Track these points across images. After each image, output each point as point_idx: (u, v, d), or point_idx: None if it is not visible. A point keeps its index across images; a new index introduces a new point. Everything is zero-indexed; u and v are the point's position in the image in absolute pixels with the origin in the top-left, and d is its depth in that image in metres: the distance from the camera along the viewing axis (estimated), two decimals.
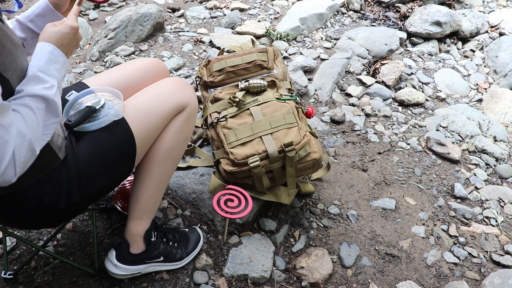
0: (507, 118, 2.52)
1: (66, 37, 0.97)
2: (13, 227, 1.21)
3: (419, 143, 2.22)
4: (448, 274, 1.56)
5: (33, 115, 0.86)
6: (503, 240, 1.73)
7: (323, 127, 2.23)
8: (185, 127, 1.22)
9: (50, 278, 1.34)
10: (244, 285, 1.39)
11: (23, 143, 0.83)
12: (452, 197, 1.92)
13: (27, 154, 0.84)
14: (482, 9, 3.62)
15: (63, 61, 0.96)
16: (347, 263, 1.53)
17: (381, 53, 2.88)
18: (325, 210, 1.73)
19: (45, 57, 0.93)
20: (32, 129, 0.85)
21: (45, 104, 0.89)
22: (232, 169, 1.44)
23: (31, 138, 0.84)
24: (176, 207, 1.60)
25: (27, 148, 0.84)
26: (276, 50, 1.68)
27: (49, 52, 0.94)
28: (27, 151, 0.84)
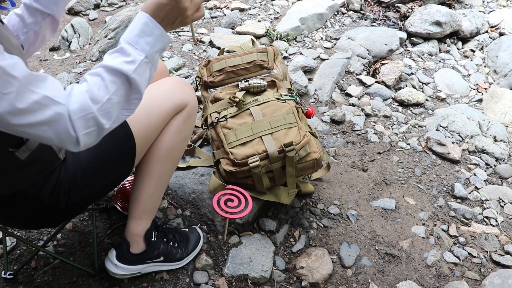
0: (507, 118, 2.52)
1: (164, 9, 0.84)
2: (13, 227, 1.21)
3: (419, 143, 2.22)
4: (448, 274, 1.56)
5: (103, 88, 0.78)
6: (503, 240, 1.73)
7: (323, 127, 2.23)
8: (184, 127, 1.22)
9: (50, 278, 1.34)
10: (244, 285, 1.39)
11: (85, 115, 0.76)
12: (452, 197, 1.92)
13: (90, 127, 0.77)
14: (482, 9, 3.62)
15: (159, 35, 0.84)
16: (347, 263, 1.53)
17: (381, 53, 2.88)
18: (325, 210, 1.73)
19: (137, 29, 0.83)
20: (99, 102, 0.77)
21: (122, 79, 0.80)
22: (232, 169, 1.44)
23: (96, 111, 0.77)
24: (176, 207, 1.60)
25: (89, 120, 0.77)
26: (276, 50, 1.68)
27: (143, 23, 0.83)
28: (90, 124, 0.77)
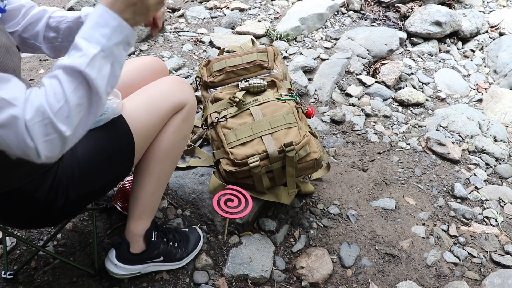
0: (507, 118, 2.52)
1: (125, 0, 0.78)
2: (12, 226, 1.21)
3: (419, 143, 2.22)
4: (448, 274, 1.56)
5: (60, 89, 0.73)
6: (503, 240, 1.73)
7: (323, 127, 2.23)
8: (183, 126, 1.22)
9: (50, 278, 1.34)
10: (244, 285, 1.39)
11: (42, 121, 0.70)
12: (452, 197, 1.92)
13: (49, 135, 0.72)
14: (482, 9, 3.62)
15: (117, 25, 0.77)
16: (347, 263, 1.53)
17: (381, 53, 2.88)
18: (325, 210, 1.73)
19: (92, 21, 0.77)
20: (56, 105, 0.72)
21: (80, 79, 0.74)
22: (232, 169, 1.44)
23: (53, 116, 0.71)
24: (176, 207, 1.60)
25: (47, 127, 0.71)
26: (276, 50, 1.68)
27: (98, 15, 0.77)
28: (49, 131, 0.72)
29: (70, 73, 0.74)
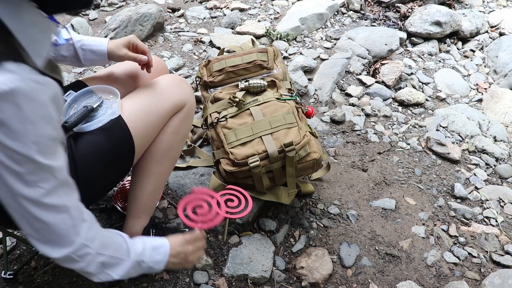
0: (507, 118, 2.52)
1: (179, 259, 1.01)
2: (14, 229, 1.21)
3: (419, 143, 2.22)
4: (448, 274, 1.56)
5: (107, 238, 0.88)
6: (503, 240, 1.73)
7: (323, 127, 2.23)
8: (183, 126, 1.22)
9: (50, 278, 1.34)
10: (244, 285, 1.39)
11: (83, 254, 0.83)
12: (452, 197, 1.92)
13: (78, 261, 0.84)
14: (482, 9, 3.62)
15: (159, 268, 0.98)
16: (347, 263, 1.53)
17: (381, 53, 2.88)
18: (325, 210, 1.73)
19: (156, 253, 0.96)
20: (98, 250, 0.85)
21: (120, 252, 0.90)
22: (232, 169, 1.44)
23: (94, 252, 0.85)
24: (176, 207, 1.60)
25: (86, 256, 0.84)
26: (276, 50, 1.68)
27: (159, 253, 0.96)
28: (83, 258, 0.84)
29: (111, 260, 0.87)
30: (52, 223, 0.75)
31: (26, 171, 0.68)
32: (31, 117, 0.65)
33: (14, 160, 0.67)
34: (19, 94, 0.63)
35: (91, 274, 0.86)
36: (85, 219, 0.82)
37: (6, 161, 0.67)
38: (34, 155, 0.68)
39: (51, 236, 0.76)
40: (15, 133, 0.65)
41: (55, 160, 0.72)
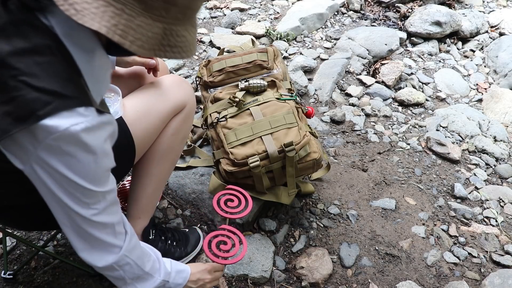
0: (507, 118, 2.52)
1: (197, 285, 1.08)
2: (18, 229, 1.22)
3: (419, 143, 2.22)
4: (448, 274, 1.56)
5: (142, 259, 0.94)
6: (503, 240, 1.73)
7: (323, 127, 2.23)
8: (183, 127, 1.22)
9: (50, 278, 1.34)
10: (244, 285, 1.39)
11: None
12: (452, 197, 1.92)
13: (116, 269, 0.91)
14: (482, 9, 3.62)
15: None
16: (347, 263, 1.53)
17: (381, 53, 2.88)
18: (325, 210, 1.73)
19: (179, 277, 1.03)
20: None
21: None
22: (232, 169, 1.44)
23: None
24: (176, 207, 1.60)
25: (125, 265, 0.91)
26: (276, 50, 1.68)
27: (179, 279, 1.03)
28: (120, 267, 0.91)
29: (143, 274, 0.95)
30: (98, 236, 0.82)
31: (82, 196, 0.76)
32: (94, 154, 0.72)
33: (73, 187, 0.74)
34: (87, 134, 0.69)
35: (123, 282, 0.92)
36: (127, 232, 0.89)
37: (66, 187, 0.74)
38: (91, 185, 0.75)
39: (97, 247, 0.84)
40: (78, 168, 0.72)
41: (108, 186, 0.80)
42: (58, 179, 0.73)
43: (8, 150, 0.72)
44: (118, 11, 0.64)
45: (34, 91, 0.65)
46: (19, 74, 0.64)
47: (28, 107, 0.65)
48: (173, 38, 0.72)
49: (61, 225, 0.81)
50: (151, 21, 0.67)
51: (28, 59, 0.65)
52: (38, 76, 0.65)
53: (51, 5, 0.67)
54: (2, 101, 0.65)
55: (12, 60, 0.64)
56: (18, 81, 0.64)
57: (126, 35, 0.65)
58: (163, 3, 0.67)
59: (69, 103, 0.67)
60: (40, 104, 0.65)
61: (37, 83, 0.65)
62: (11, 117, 0.65)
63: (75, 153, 0.70)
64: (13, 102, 0.65)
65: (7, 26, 0.66)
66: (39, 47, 0.66)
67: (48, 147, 0.68)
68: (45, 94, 0.65)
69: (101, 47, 0.77)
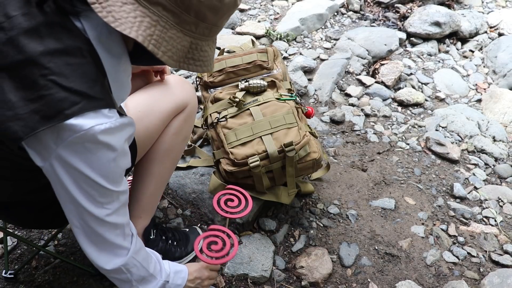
0: (506, 118, 2.53)
1: (195, 284, 1.10)
2: (23, 227, 1.22)
3: (418, 143, 2.22)
4: (448, 273, 1.57)
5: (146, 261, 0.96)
6: (502, 239, 1.74)
7: (323, 127, 2.23)
8: (184, 127, 1.22)
9: (51, 278, 1.34)
10: (244, 284, 1.40)
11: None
12: (452, 197, 1.92)
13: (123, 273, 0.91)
14: (481, 10, 3.63)
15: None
16: (347, 263, 1.54)
17: (380, 54, 2.89)
18: (325, 210, 1.73)
19: (178, 277, 1.04)
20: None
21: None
22: (232, 169, 1.44)
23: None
24: (176, 206, 1.60)
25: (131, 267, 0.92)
26: (276, 51, 1.69)
27: (178, 279, 1.04)
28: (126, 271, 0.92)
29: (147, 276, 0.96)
30: (108, 238, 0.83)
31: (97, 194, 0.77)
32: (115, 152, 0.74)
33: (90, 185, 0.76)
34: (109, 134, 0.72)
35: (129, 285, 0.93)
36: (133, 234, 0.91)
37: (83, 185, 0.75)
38: (108, 184, 0.77)
39: (106, 250, 0.85)
40: (98, 166, 0.74)
41: (122, 186, 0.82)
42: (76, 177, 0.74)
43: (30, 146, 0.73)
44: (154, 22, 0.68)
45: (63, 91, 0.67)
46: (49, 74, 0.66)
47: (56, 106, 0.67)
48: (197, 52, 0.76)
49: (72, 227, 0.82)
50: (181, 34, 0.72)
51: (59, 60, 0.67)
52: (67, 76, 0.67)
53: (86, 11, 0.70)
54: (31, 98, 0.67)
55: (44, 59, 0.66)
56: (48, 80, 0.66)
57: (160, 45, 0.69)
58: (195, 18, 0.72)
59: (95, 104, 0.69)
60: (68, 104, 0.67)
61: (66, 83, 0.67)
62: (39, 115, 0.66)
63: (97, 151, 0.72)
64: (42, 100, 0.66)
65: (41, 27, 0.68)
66: (70, 49, 0.69)
67: (70, 144, 0.70)
68: (73, 94, 0.67)
69: (127, 54, 0.80)
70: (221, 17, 0.76)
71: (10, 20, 0.68)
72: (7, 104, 0.67)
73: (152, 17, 0.68)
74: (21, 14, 0.68)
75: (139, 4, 0.68)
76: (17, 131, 0.67)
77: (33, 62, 0.66)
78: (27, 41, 0.67)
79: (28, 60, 0.66)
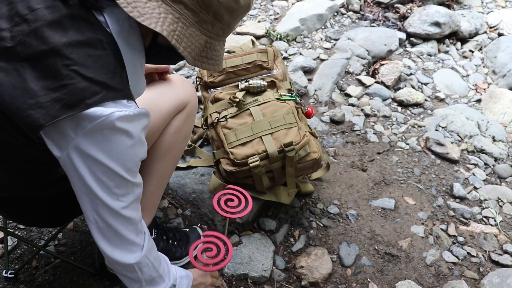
0: (506, 118, 2.53)
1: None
2: (26, 225, 1.23)
3: (418, 143, 2.23)
4: (447, 273, 1.57)
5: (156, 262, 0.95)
6: (501, 239, 1.74)
7: (323, 127, 2.24)
8: (185, 126, 1.22)
9: (51, 278, 1.35)
10: (244, 284, 1.40)
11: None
12: (451, 197, 1.92)
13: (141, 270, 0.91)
14: (481, 10, 3.63)
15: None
16: (347, 263, 1.54)
17: (380, 54, 2.89)
18: (325, 210, 1.73)
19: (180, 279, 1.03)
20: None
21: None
22: (232, 169, 1.45)
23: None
24: (176, 206, 1.60)
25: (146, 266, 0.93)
26: (276, 51, 1.69)
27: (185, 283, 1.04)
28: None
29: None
30: (122, 233, 0.83)
31: (114, 185, 0.78)
32: (132, 139, 0.76)
33: (107, 175, 0.76)
34: (127, 122, 0.73)
35: (138, 285, 0.92)
36: (145, 232, 0.91)
37: (100, 175, 0.76)
38: (125, 173, 0.78)
39: (119, 246, 0.85)
40: (115, 153, 0.75)
41: (137, 178, 0.83)
42: (93, 167, 0.75)
43: (48, 136, 0.74)
44: (176, 19, 0.73)
45: (85, 81, 0.69)
46: (72, 64, 0.68)
47: (78, 95, 0.68)
48: (211, 51, 0.81)
49: (87, 221, 0.83)
50: (199, 32, 0.76)
51: (81, 51, 0.69)
52: (89, 67, 0.69)
53: (109, 6, 0.74)
54: (52, 87, 0.68)
55: (67, 50, 0.69)
56: (70, 70, 0.68)
57: (181, 41, 0.74)
58: (213, 18, 0.76)
59: (115, 94, 0.72)
60: (89, 93, 0.69)
61: (87, 73, 0.69)
62: (60, 104, 0.68)
63: (115, 138, 0.73)
64: (64, 89, 0.68)
65: (65, 19, 0.70)
66: (92, 41, 0.71)
67: (89, 132, 0.71)
68: (94, 84, 0.69)
69: (144, 50, 0.83)
70: (235, 18, 0.80)
71: (34, 13, 0.70)
72: (29, 93, 0.68)
73: (175, 14, 0.72)
74: (45, 7, 0.71)
75: (163, 1, 0.72)
76: (38, 118, 0.68)
77: (56, 52, 0.68)
78: (51, 33, 0.69)
79: (52, 50, 0.68)
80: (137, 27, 0.78)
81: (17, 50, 0.69)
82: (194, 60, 0.78)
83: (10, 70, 0.69)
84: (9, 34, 0.69)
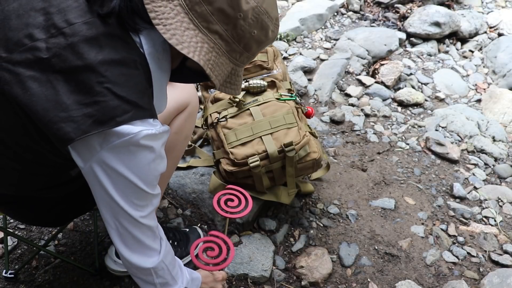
0: (506, 118, 2.53)
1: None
2: (29, 223, 1.23)
3: (418, 143, 2.23)
4: (447, 273, 1.57)
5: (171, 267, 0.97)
6: (501, 239, 1.74)
7: (323, 127, 2.24)
8: (186, 126, 1.22)
9: (51, 278, 1.35)
10: (244, 284, 1.40)
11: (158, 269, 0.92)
12: (451, 197, 1.92)
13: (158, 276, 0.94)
14: (481, 10, 3.63)
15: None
16: (347, 263, 1.54)
17: (380, 54, 2.89)
18: (325, 210, 1.73)
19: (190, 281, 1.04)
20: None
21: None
22: (232, 169, 1.45)
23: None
24: (176, 206, 1.60)
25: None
26: (276, 51, 1.69)
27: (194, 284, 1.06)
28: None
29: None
30: (141, 239, 0.86)
31: (135, 197, 0.81)
32: (154, 154, 0.78)
33: (129, 187, 0.79)
34: (152, 140, 0.76)
35: (152, 287, 0.94)
36: (162, 237, 0.93)
37: (122, 187, 0.78)
38: (145, 187, 0.80)
39: (137, 251, 0.87)
40: (139, 169, 0.78)
41: (156, 190, 0.86)
42: (116, 180, 0.77)
43: (75, 148, 0.75)
44: (211, 49, 0.76)
45: (116, 99, 0.70)
46: (106, 82, 0.70)
47: (110, 113, 0.71)
48: (235, 77, 0.85)
49: (107, 226, 0.86)
50: (228, 61, 0.80)
51: (115, 69, 0.72)
52: (121, 86, 0.71)
53: (146, 29, 0.76)
54: (85, 103, 0.70)
55: (102, 68, 0.70)
56: (104, 88, 0.70)
57: (214, 70, 0.77)
58: (242, 49, 0.79)
59: (143, 113, 0.74)
60: (120, 112, 0.71)
61: (120, 92, 0.71)
62: (91, 119, 0.70)
63: (139, 153, 0.76)
64: (96, 105, 0.70)
65: (102, 36, 0.72)
66: (126, 60, 0.74)
67: (115, 148, 0.73)
68: (125, 103, 0.72)
69: (170, 71, 0.85)
70: (261, 49, 0.84)
71: (72, 27, 0.71)
72: (61, 106, 0.70)
73: (210, 43, 0.75)
74: (83, 22, 0.72)
75: (200, 30, 0.74)
76: (69, 132, 0.70)
77: (92, 69, 0.70)
78: (87, 49, 0.70)
79: (87, 66, 0.70)
80: (169, 50, 0.81)
81: (52, 62, 0.70)
82: (221, 86, 0.82)
83: (43, 81, 0.70)
84: (44, 45, 0.70)
